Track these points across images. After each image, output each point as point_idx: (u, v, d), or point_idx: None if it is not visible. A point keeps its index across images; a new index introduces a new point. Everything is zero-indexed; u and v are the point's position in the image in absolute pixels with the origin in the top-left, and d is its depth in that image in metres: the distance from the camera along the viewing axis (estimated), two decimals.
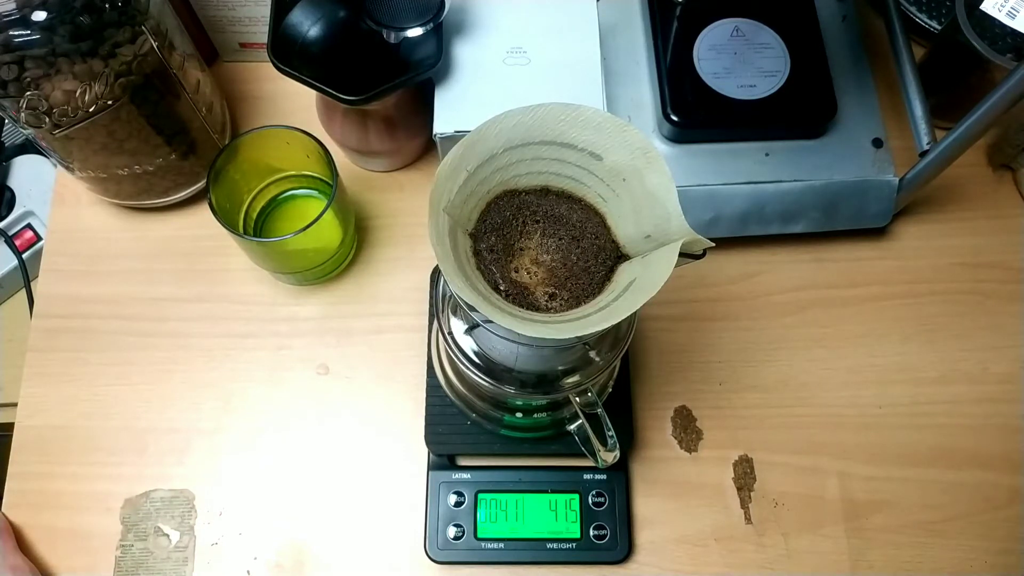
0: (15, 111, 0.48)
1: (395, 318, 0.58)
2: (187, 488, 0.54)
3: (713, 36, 0.58)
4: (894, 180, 0.57)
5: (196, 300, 0.59)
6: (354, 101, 0.50)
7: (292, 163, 0.57)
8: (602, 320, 0.32)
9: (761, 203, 0.57)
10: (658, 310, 0.58)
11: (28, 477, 0.55)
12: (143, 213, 0.61)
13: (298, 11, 0.52)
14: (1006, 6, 0.50)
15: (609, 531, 0.52)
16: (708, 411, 0.56)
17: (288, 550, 0.53)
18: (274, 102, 0.65)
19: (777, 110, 0.56)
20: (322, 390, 0.57)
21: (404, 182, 0.63)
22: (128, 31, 0.47)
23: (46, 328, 0.58)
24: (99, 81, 0.47)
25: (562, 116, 0.35)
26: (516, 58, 0.54)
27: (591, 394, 0.43)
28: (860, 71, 0.60)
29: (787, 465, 0.55)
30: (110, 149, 0.52)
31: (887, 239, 0.61)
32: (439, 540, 0.52)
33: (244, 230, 0.57)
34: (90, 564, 0.53)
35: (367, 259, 0.60)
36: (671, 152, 0.57)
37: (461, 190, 0.35)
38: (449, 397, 0.53)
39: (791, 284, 0.59)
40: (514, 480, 0.53)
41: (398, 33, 0.50)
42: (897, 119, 0.61)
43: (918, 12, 0.64)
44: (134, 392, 0.57)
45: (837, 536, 0.53)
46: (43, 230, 0.67)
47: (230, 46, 0.64)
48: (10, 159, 0.70)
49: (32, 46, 0.44)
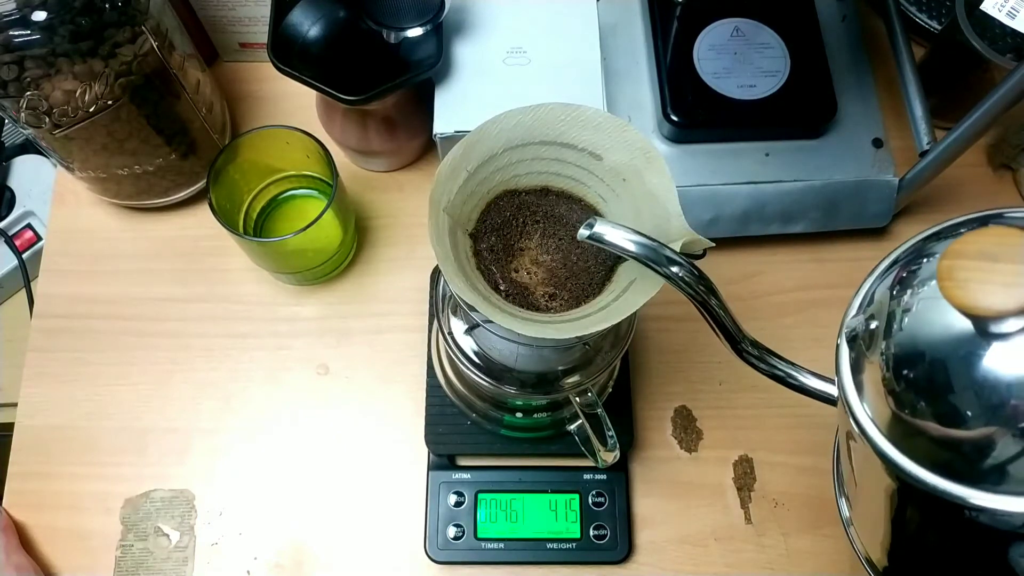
0: (15, 111, 0.48)
1: (395, 318, 0.58)
2: (187, 488, 0.54)
3: (713, 36, 0.58)
4: (894, 180, 0.57)
5: (196, 300, 0.59)
6: (354, 101, 0.50)
7: (292, 163, 0.57)
8: (602, 320, 0.32)
9: (761, 203, 0.57)
10: (658, 310, 0.58)
11: (28, 477, 0.55)
12: (143, 213, 0.61)
13: (298, 11, 0.52)
14: (1006, 6, 0.50)
15: (609, 531, 0.52)
16: (708, 411, 0.56)
17: (288, 550, 0.53)
18: (274, 102, 0.65)
19: (777, 110, 0.56)
20: (322, 390, 0.57)
21: (404, 182, 0.63)
22: (128, 31, 0.47)
23: (46, 328, 0.58)
24: (99, 81, 0.47)
25: (562, 116, 0.35)
26: (516, 58, 0.54)
27: (591, 394, 0.43)
28: (860, 71, 0.60)
29: (787, 465, 0.55)
30: (110, 149, 0.52)
31: (887, 239, 0.60)
32: (439, 540, 0.52)
33: (244, 230, 0.57)
34: (90, 564, 0.53)
35: (367, 259, 0.60)
36: (671, 152, 0.57)
37: (461, 190, 0.35)
38: (449, 397, 0.53)
39: (791, 284, 0.59)
40: (514, 480, 0.53)
41: (398, 33, 0.50)
42: (897, 119, 0.61)
43: (918, 12, 0.64)
44: (134, 392, 0.57)
45: (837, 536, 0.53)
46: (43, 230, 0.67)
47: (230, 46, 0.64)
48: (10, 159, 0.70)
49: (32, 46, 0.44)
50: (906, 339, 0.25)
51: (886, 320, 0.26)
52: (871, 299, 0.28)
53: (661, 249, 0.30)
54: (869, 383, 0.26)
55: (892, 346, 0.25)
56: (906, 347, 0.25)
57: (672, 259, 0.30)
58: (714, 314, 0.32)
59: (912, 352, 0.25)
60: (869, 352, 0.26)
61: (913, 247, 0.27)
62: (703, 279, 0.31)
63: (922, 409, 0.24)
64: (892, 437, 0.25)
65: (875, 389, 0.26)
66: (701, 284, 0.31)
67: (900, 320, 0.25)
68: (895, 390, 0.25)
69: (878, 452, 0.26)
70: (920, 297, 0.25)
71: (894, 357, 0.25)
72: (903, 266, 0.27)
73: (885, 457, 0.26)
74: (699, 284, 0.31)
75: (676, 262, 0.30)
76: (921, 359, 0.24)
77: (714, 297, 0.32)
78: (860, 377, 0.27)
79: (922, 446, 0.25)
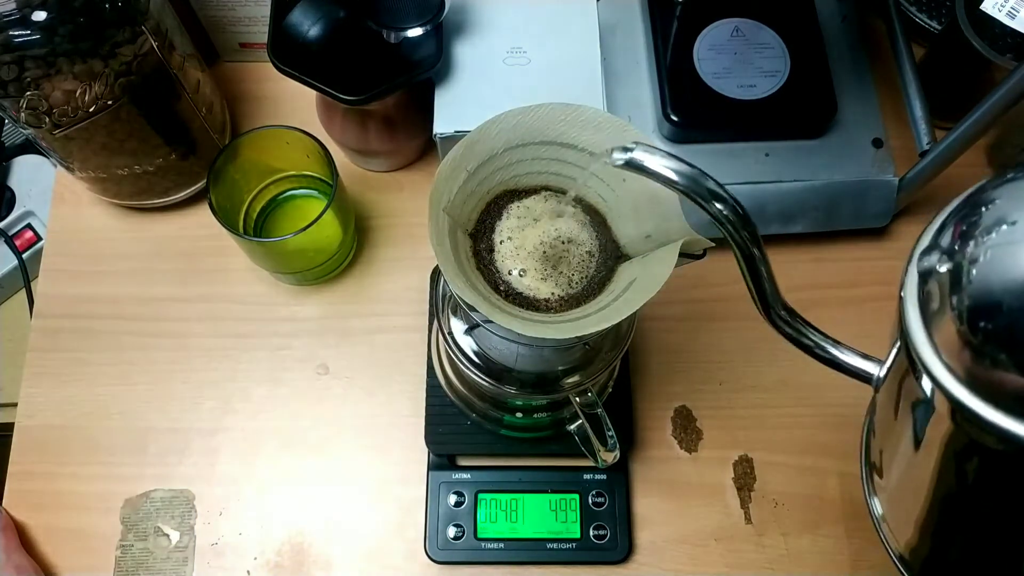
0: (15, 111, 0.48)
1: (395, 318, 0.58)
2: (187, 488, 0.54)
3: (713, 36, 0.58)
4: (894, 180, 0.57)
5: (196, 300, 0.59)
6: (354, 101, 0.50)
7: (292, 163, 0.57)
8: (602, 320, 0.32)
9: (761, 203, 0.57)
10: (658, 310, 0.58)
11: (28, 477, 0.55)
12: (143, 213, 0.61)
13: (298, 11, 0.52)
14: (1006, 6, 0.50)
15: (609, 531, 0.52)
16: (708, 411, 0.56)
17: (288, 550, 0.53)
18: (274, 102, 0.65)
19: (777, 110, 0.56)
20: (322, 390, 0.57)
21: (404, 182, 0.63)
22: (128, 31, 0.47)
23: (46, 328, 0.58)
24: (99, 81, 0.47)
25: (562, 116, 0.35)
26: (516, 58, 0.54)
27: (591, 394, 0.43)
28: (860, 71, 0.60)
29: (787, 465, 0.55)
30: (110, 149, 0.52)
31: (887, 239, 0.60)
32: (439, 540, 0.52)
33: (244, 230, 0.57)
34: (90, 564, 0.53)
35: (367, 259, 0.60)
36: (671, 152, 0.57)
37: (461, 190, 0.35)
38: (449, 397, 0.53)
39: (791, 284, 0.59)
40: (514, 480, 0.53)
41: (398, 33, 0.50)
42: (897, 119, 0.61)
43: (918, 12, 0.64)
44: (134, 392, 0.57)
45: (837, 536, 0.53)
46: (43, 230, 0.67)
47: (230, 46, 0.64)
48: (10, 159, 0.70)
49: (32, 46, 0.44)
50: (979, 290, 0.24)
51: (951, 277, 0.25)
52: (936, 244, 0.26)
53: (703, 180, 0.27)
54: (941, 342, 0.25)
55: (965, 299, 0.24)
56: (981, 297, 0.24)
57: (716, 193, 0.27)
58: (752, 262, 0.29)
59: (988, 301, 0.24)
60: (938, 310, 0.25)
61: (963, 203, 0.26)
62: (748, 223, 0.28)
63: (1004, 360, 0.23)
64: (971, 389, 0.25)
65: (949, 346, 0.25)
66: (746, 229, 0.28)
67: (968, 273, 0.24)
68: (972, 343, 0.24)
69: (954, 404, 0.25)
70: (989, 245, 0.24)
71: (968, 310, 0.24)
72: (959, 220, 0.26)
73: (963, 408, 0.25)
74: (744, 228, 0.28)
75: (720, 197, 0.27)
76: (999, 308, 0.24)
77: (756, 246, 0.28)
78: (931, 335, 0.26)
79: (1005, 398, 0.24)
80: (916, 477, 0.31)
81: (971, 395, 0.25)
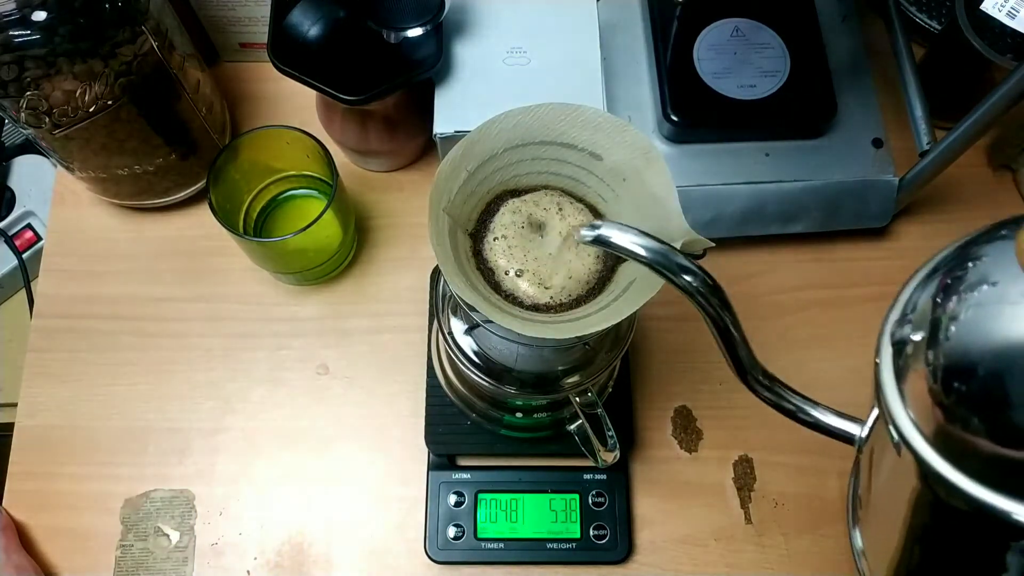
0: (15, 111, 0.48)
1: (395, 318, 0.58)
2: (187, 488, 0.54)
3: (713, 36, 0.58)
4: (894, 180, 0.57)
5: (196, 300, 0.59)
6: (354, 101, 0.50)
7: (292, 163, 0.57)
8: (602, 320, 0.32)
9: (761, 203, 0.57)
10: (658, 310, 0.58)
11: (28, 477, 0.55)
12: (143, 213, 0.61)
13: (298, 11, 0.52)
14: (1006, 6, 0.50)
15: (609, 531, 0.52)
16: (708, 411, 0.56)
17: (288, 550, 0.53)
18: (274, 102, 0.65)
19: (777, 110, 0.56)
20: (322, 390, 0.57)
21: (404, 182, 0.63)
22: (128, 31, 0.47)
23: (46, 328, 0.58)
24: (99, 81, 0.47)
25: (562, 116, 0.35)
26: (516, 58, 0.54)
27: (591, 394, 0.43)
28: (860, 71, 0.60)
29: (787, 465, 0.55)
30: (110, 149, 0.52)
31: (887, 239, 0.61)
32: (439, 540, 0.52)
33: (244, 230, 0.57)
34: (90, 564, 0.53)
35: (367, 259, 0.60)
36: (671, 152, 0.57)
37: (461, 190, 0.35)
38: (449, 397, 0.53)
39: (791, 284, 0.59)
40: (514, 480, 0.53)
41: (398, 33, 0.50)
42: (897, 119, 0.61)
43: (918, 12, 0.64)
44: (134, 392, 0.57)
45: (837, 536, 0.53)
46: (43, 230, 0.67)
47: (230, 46, 0.64)
48: (10, 159, 0.70)
49: (32, 46, 0.44)
50: (956, 349, 0.23)
51: (930, 329, 0.25)
52: (913, 307, 0.26)
53: (673, 255, 0.27)
54: (912, 396, 0.25)
55: (940, 356, 0.24)
56: (957, 357, 0.23)
57: (685, 267, 0.27)
58: (726, 332, 0.29)
59: (964, 362, 0.23)
60: (912, 364, 0.25)
61: (954, 253, 0.26)
62: (717, 291, 0.28)
63: (975, 425, 0.23)
64: (940, 450, 0.24)
65: (920, 402, 0.25)
66: (715, 297, 0.28)
67: (946, 329, 0.24)
68: (943, 403, 0.24)
69: (922, 466, 0.24)
70: (970, 304, 0.24)
71: (943, 368, 0.24)
72: (945, 273, 0.26)
73: (930, 471, 0.24)
74: (713, 296, 0.28)
75: (689, 270, 0.27)
76: (974, 370, 0.23)
77: (728, 313, 0.29)
78: (903, 388, 0.26)
79: (973, 461, 0.24)
80: (889, 523, 0.31)
81: (940, 459, 0.24)
